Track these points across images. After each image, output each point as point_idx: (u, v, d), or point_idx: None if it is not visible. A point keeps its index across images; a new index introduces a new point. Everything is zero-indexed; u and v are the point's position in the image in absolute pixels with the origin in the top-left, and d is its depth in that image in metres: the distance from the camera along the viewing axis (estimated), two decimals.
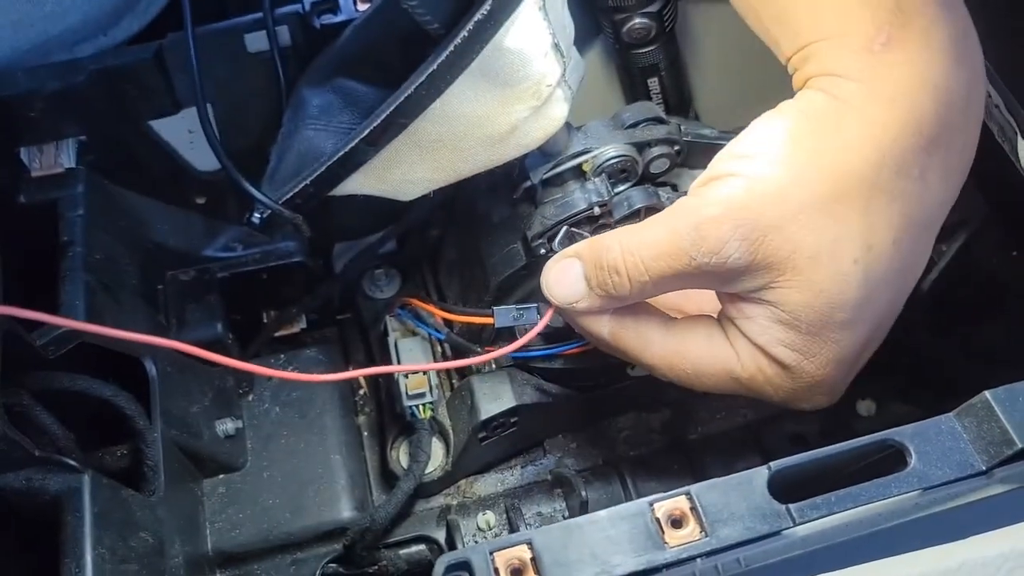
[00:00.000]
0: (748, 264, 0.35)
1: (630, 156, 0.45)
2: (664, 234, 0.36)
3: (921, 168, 0.36)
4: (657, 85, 0.52)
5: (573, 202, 0.44)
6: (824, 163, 0.35)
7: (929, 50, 0.36)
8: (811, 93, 0.37)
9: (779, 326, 0.37)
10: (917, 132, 0.35)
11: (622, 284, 0.37)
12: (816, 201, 0.35)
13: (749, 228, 0.35)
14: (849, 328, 0.37)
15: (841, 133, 0.35)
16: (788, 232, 0.35)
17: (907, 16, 0.35)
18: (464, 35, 0.35)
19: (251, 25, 0.49)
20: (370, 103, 0.46)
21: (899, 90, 0.35)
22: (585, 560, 0.29)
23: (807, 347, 0.37)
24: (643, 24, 0.49)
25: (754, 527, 0.29)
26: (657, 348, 0.40)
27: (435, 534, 0.49)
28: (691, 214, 0.36)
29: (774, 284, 0.36)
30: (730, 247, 0.35)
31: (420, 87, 0.36)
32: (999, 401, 0.31)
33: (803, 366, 0.37)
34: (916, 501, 0.30)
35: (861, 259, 0.35)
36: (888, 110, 0.35)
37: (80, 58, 0.49)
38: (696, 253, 0.35)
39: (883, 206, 0.35)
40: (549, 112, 0.40)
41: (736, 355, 0.39)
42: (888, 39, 0.35)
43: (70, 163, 0.48)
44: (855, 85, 0.36)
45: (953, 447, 0.31)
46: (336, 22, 0.49)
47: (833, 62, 0.36)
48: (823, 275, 0.35)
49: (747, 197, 0.35)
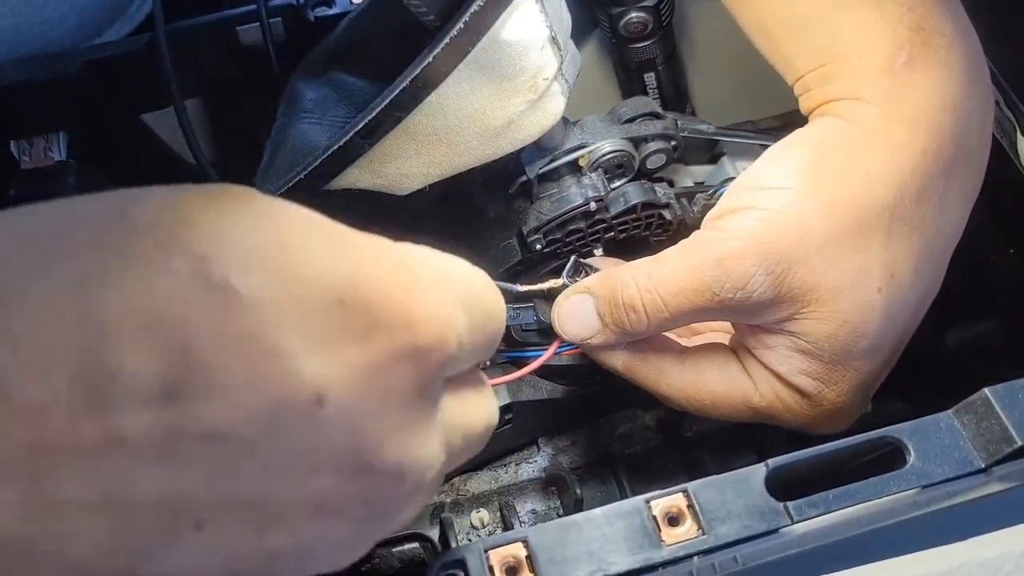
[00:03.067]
0: (773, 298, 0.35)
1: (626, 151, 0.44)
2: (683, 270, 0.35)
3: (940, 193, 0.36)
4: (654, 80, 0.52)
5: (569, 197, 0.44)
6: (846, 193, 0.35)
7: (948, 70, 0.35)
8: (829, 120, 0.36)
9: (801, 355, 0.36)
10: (937, 157, 0.35)
11: (639, 321, 0.37)
12: (839, 232, 0.34)
13: (774, 262, 0.34)
14: (870, 355, 0.36)
15: (862, 162, 0.35)
16: (813, 264, 0.34)
17: (927, 35, 0.35)
18: (460, 27, 0.34)
19: (245, 18, 0.48)
20: (365, 96, 0.46)
21: (919, 114, 0.35)
22: (581, 558, 0.29)
23: (829, 376, 0.37)
24: (640, 18, 0.48)
25: (751, 525, 0.29)
26: (672, 379, 0.39)
27: (428, 532, 0.49)
28: (711, 248, 0.35)
29: (798, 316, 0.35)
30: (756, 281, 0.34)
31: (415, 80, 0.36)
32: (999, 398, 0.31)
33: (824, 394, 0.37)
34: (915, 499, 0.30)
35: (884, 288, 0.35)
36: (908, 135, 0.35)
37: (71, 50, 0.49)
38: (719, 288, 0.35)
39: (905, 234, 0.35)
40: (546, 106, 0.40)
41: (753, 384, 0.38)
42: (909, 59, 0.35)
43: (60, 156, 0.48)
44: (875, 110, 0.35)
45: (952, 444, 0.31)
46: (330, 15, 0.49)
47: (853, 84, 0.36)
48: (847, 305, 0.35)
49: (769, 230, 0.35)
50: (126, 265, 0.21)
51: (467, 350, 0.27)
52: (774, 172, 0.36)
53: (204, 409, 0.21)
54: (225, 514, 0.22)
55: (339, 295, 0.23)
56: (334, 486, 0.23)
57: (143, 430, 0.20)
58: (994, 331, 0.51)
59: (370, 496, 0.24)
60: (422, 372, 0.24)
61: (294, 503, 0.23)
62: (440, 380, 0.26)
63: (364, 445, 0.23)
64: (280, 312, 0.22)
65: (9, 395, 0.19)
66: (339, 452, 0.23)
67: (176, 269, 0.21)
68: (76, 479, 0.20)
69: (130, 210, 0.22)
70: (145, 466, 0.21)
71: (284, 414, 0.22)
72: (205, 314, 0.21)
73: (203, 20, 0.48)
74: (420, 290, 0.25)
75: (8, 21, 0.48)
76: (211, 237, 0.22)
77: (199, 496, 0.21)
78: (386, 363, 0.24)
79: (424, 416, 0.25)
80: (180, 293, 0.21)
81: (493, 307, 0.29)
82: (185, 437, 0.21)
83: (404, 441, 0.24)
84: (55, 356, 0.20)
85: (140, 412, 0.20)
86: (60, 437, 0.20)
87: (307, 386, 0.22)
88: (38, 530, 0.21)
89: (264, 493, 0.22)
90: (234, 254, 0.22)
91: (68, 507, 0.20)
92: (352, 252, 0.24)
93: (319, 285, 0.23)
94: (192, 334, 0.21)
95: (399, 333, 0.24)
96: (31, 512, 0.20)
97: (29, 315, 0.20)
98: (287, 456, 0.22)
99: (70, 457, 0.20)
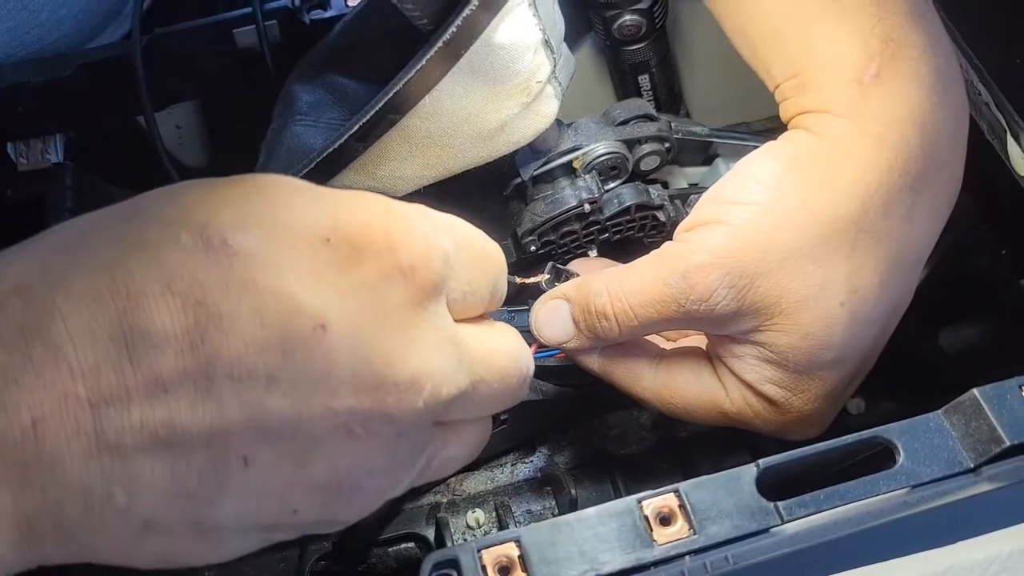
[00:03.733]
0: (736, 310, 0.36)
1: (620, 153, 0.44)
2: (651, 281, 0.36)
3: (907, 207, 0.36)
4: (648, 82, 0.52)
5: (563, 199, 0.44)
6: (810, 209, 0.35)
7: (918, 82, 0.35)
8: (799, 134, 0.37)
9: (767, 365, 0.37)
10: (904, 171, 0.35)
11: (610, 328, 0.38)
12: (802, 247, 0.35)
13: (737, 275, 0.35)
14: (836, 366, 0.37)
15: (828, 177, 0.35)
16: (775, 278, 0.35)
17: (897, 47, 0.35)
18: (452, 31, 0.35)
19: (240, 20, 0.48)
20: (360, 99, 0.46)
21: (886, 128, 0.35)
22: (573, 558, 0.29)
23: (795, 384, 0.37)
24: (633, 21, 0.49)
25: (742, 525, 0.29)
26: (647, 383, 0.40)
27: (424, 532, 0.49)
28: (678, 261, 0.36)
29: (762, 327, 0.36)
30: (718, 295, 0.35)
31: (409, 82, 0.36)
32: (987, 399, 0.31)
33: (791, 402, 0.38)
34: (904, 499, 0.30)
35: (847, 302, 0.36)
36: (875, 150, 0.35)
37: (67, 53, 0.49)
38: (684, 300, 0.36)
39: (869, 248, 0.35)
40: (539, 109, 0.40)
41: (724, 391, 0.39)
42: (879, 71, 0.35)
43: (57, 158, 0.48)
44: (843, 123, 0.36)
45: (941, 445, 0.31)
46: (325, 17, 0.49)
47: (823, 96, 0.36)
48: (810, 319, 0.36)
49: (734, 244, 0.35)
50: (143, 246, 0.25)
51: (464, 280, 0.30)
52: (742, 186, 0.37)
53: (224, 349, 0.24)
54: (265, 447, 0.25)
55: (324, 235, 0.26)
56: (355, 404, 0.26)
57: (178, 375, 0.24)
58: (986, 332, 0.51)
59: (391, 410, 0.26)
60: (413, 288, 0.27)
61: (324, 429, 0.26)
62: (437, 298, 0.28)
63: (373, 360, 0.26)
64: (274, 258, 0.25)
65: (68, 360, 0.23)
66: (352, 370, 0.26)
67: (182, 240, 0.25)
68: (132, 426, 0.24)
69: (141, 204, 0.27)
70: (186, 407, 0.24)
71: (293, 343, 0.25)
72: (211, 271, 0.25)
73: (199, 23, 0.48)
74: (399, 220, 0.28)
75: (5, 24, 0.48)
76: (207, 210, 0.26)
77: (238, 431, 0.24)
78: (376, 284, 0.27)
79: (429, 331, 0.28)
80: (188, 258, 0.25)
81: (486, 247, 0.32)
82: (213, 376, 0.24)
83: (412, 353, 0.27)
84: (98, 324, 0.24)
85: (173, 359, 0.24)
86: (113, 391, 0.23)
87: (308, 315, 0.25)
88: (107, 479, 0.24)
89: (294, 421, 0.25)
90: (229, 219, 0.26)
91: (128, 452, 0.24)
92: (332, 201, 0.28)
93: (305, 230, 0.26)
94: (204, 288, 0.24)
95: (383, 257, 0.27)
96: (99, 461, 0.23)
97: (71, 295, 0.24)
98: (305, 382, 0.25)
99: (124, 406, 0.24)
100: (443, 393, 0.28)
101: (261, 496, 0.26)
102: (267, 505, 0.26)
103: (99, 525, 0.24)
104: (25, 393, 0.23)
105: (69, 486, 0.23)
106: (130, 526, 0.24)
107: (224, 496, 0.25)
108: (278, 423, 0.25)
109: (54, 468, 0.23)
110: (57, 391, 0.23)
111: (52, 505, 0.23)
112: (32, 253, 0.26)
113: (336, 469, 0.26)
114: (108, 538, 0.25)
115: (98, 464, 0.23)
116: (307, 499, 0.26)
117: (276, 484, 0.26)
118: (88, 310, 0.24)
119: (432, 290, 0.28)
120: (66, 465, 0.23)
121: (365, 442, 0.26)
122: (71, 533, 0.24)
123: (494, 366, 0.31)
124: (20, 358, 0.23)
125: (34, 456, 0.23)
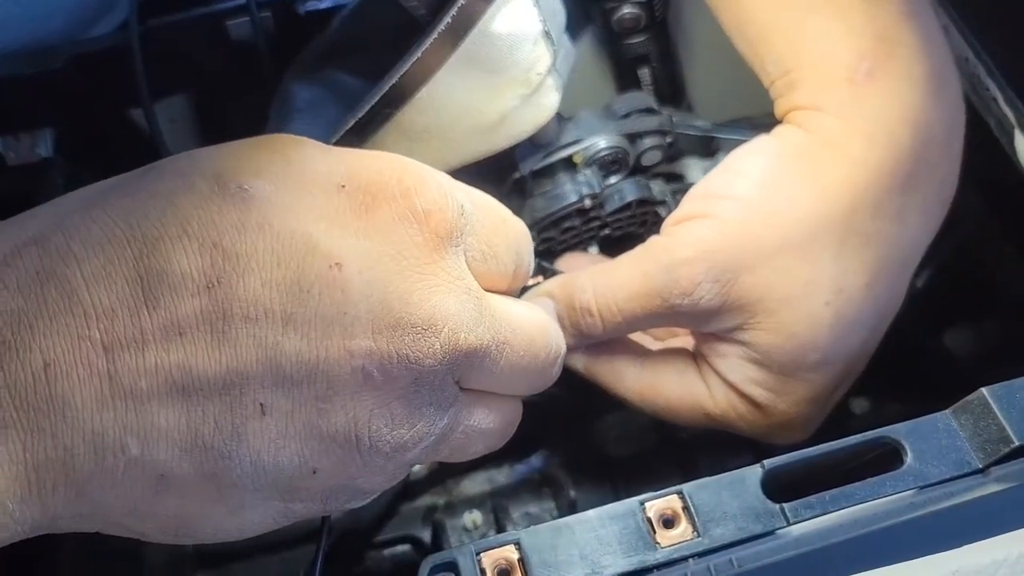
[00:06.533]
0: (720, 306, 0.35)
1: (622, 147, 0.44)
2: (636, 275, 0.36)
3: (898, 208, 0.35)
4: (648, 75, 0.51)
5: (564, 195, 0.44)
6: (797, 206, 0.35)
7: (910, 82, 0.35)
8: (789, 130, 0.36)
9: (751, 365, 0.37)
10: (894, 171, 0.35)
11: (595, 325, 0.37)
12: (788, 244, 0.35)
13: (720, 270, 0.35)
14: (821, 369, 0.36)
15: (816, 174, 0.35)
16: (760, 275, 0.35)
17: (890, 46, 0.35)
18: (448, 20, 0.34)
19: (234, 12, 0.48)
20: (359, 95, 0.45)
21: (878, 126, 0.35)
22: (574, 561, 0.28)
23: (779, 386, 0.37)
24: (633, 14, 0.48)
25: (747, 527, 0.29)
26: (631, 383, 0.40)
27: (421, 534, 0.49)
28: (663, 255, 0.36)
29: (747, 325, 0.36)
30: (702, 289, 0.35)
31: (406, 75, 0.35)
32: (996, 398, 0.30)
33: (776, 404, 0.37)
34: (912, 500, 0.29)
35: (833, 302, 0.35)
36: (865, 149, 0.35)
37: (56, 46, 0.48)
38: (668, 295, 0.35)
39: (856, 248, 0.35)
40: (540, 101, 0.39)
41: (708, 392, 0.39)
42: (871, 69, 0.35)
43: (47, 153, 0.47)
44: (834, 121, 0.35)
45: (949, 445, 0.30)
46: (320, 9, 0.48)
47: (814, 93, 0.36)
48: (794, 318, 0.35)
49: (719, 239, 0.35)
50: (159, 194, 0.25)
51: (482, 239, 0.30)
52: (729, 181, 0.36)
53: (240, 289, 0.24)
54: (282, 393, 0.25)
55: (338, 182, 0.27)
56: (372, 345, 0.25)
57: (194, 316, 0.24)
58: (993, 330, 0.51)
59: (409, 352, 0.26)
60: (427, 233, 0.27)
61: (341, 374, 0.25)
62: (453, 247, 0.28)
63: (389, 299, 0.26)
64: (289, 201, 0.26)
65: (82, 303, 0.23)
66: (368, 308, 0.25)
67: (198, 186, 0.25)
68: (147, 370, 0.23)
69: (157, 163, 0.27)
70: (202, 350, 0.24)
71: (309, 281, 0.25)
72: (227, 214, 0.25)
73: (192, 14, 0.47)
74: (412, 168, 0.29)
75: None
76: (222, 161, 0.26)
77: (254, 376, 0.24)
78: (391, 227, 0.27)
79: (446, 278, 0.28)
80: (204, 202, 0.25)
81: (505, 213, 0.32)
82: (230, 318, 0.24)
83: (428, 293, 0.27)
84: (114, 267, 0.23)
85: (189, 301, 0.24)
86: (128, 333, 0.23)
87: (324, 253, 0.25)
88: (120, 426, 0.23)
89: (311, 364, 0.25)
90: (244, 167, 0.26)
91: (143, 397, 0.23)
92: (346, 153, 0.28)
93: (319, 176, 0.27)
94: (220, 230, 0.24)
95: (398, 201, 0.27)
96: (112, 408, 0.23)
97: (88, 241, 0.24)
98: (321, 321, 0.25)
99: (139, 349, 0.23)
100: (461, 340, 0.27)
101: (278, 448, 0.25)
102: (285, 458, 0.25)
103: (111, 478, 0.23)
104: (38, 336, 0.22)
105: (80, 432, 0.23)
106: (144, 479, 0.24)
107: (241, 446, 0.24)
108: (295, 365, 0.25)
109: (65, 412, 0.22)
110: (71, 334, 0.23)
111: (62, 453, 0.23)
112: (53, 207, 0.26)
113: (355, 417, 0.26)
114: (121, 494, 0.24)
115: (111, 410, 0.23)
116: (326, 455, 0.26)
117: (293, 434, 0.25)
118: (104, 254, 0.24)
119: (447, 237, 0.28)
120: (78, 409, 0.23)
121: (383, 387, 0.26)
122: (81, 486, 0.23)
123: (519, 329, 0.30)
124: (35, 302, 0.23)
125: (45, 399, 0.22)
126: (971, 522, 0.29)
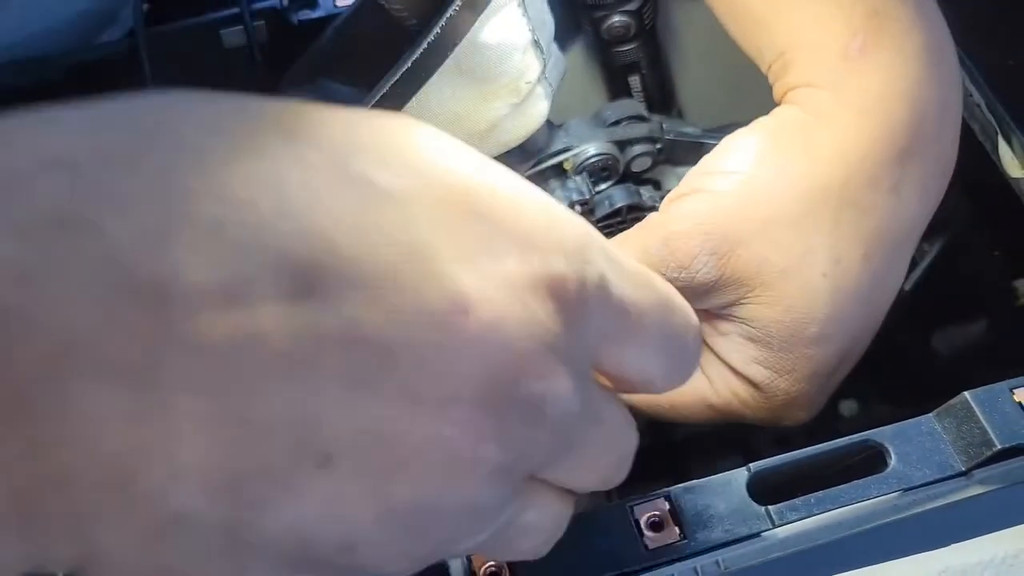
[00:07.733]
0: (717, 279, 0.35)
1: (611, 154, 0.44)
2: (634, 252, 0.36)
3: (894, 180, 0.35)
4: (639, 83, 0.52)
5: None
6: (792, 177, 0.35)
7: (903, 56, 0.35)
8: (785, 108, 0.37)
9: (751, 343, 0.37)
10: (890, 144, 0.35)
11: None
12: (784, 216, 0.35)
13: (717, 242, 0.35)
14: (821, 343, 0.36)
15: (810, 146, 0.35)
16: (756, 247, 0.35)
17: (882, 20, 0.35)
18: (437, 31, 0.34)
19: (228, 20, 0.48)
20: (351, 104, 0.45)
21: (871, 99, 0.35)
22: (562, 564, 0.29)
23: (779, 363, 0.37)
24: (622, 22, 0.48)
25: (733, 529, 0.29)
26: None
27: None
28: (659, 228, 0.36)
29: (744, 300, 0.36)
30: (699, 261, 0.35)
31: (396, 84, 0.36)
32: (978, 402, 0.31)
33: (777, 383, 0.37)
34: (896, 502, 0.30)
35: (830, 273, 0.35)
36: (859, 120, 0.35)
37: (56, 56, 0.48)
38: (665, 268, 0.35)
39: (853, 219, 0.35)
40: (529, 109, 0.40)
41: (709, 383, 0.39)
42: (863, 45, 0.35)
43: None
44: (827, 95, 0.35)
45: (933, 448, 0.31)
46: (313, 18, 0.49)
47: (809, 71, 0.36)
48: (791, 290, 0.35)
49: (715, 212, 0.35)
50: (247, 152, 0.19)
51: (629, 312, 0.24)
52: (724, 157, 0.36)
53: (343, 304, 0.18)
54: (355, 449, 0.19)
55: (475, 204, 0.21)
56: (470, 419, 0.20)
57: (275, 327, 0.17)
58: (979, 334, 0.51)
59: (507, 437, 0.20)
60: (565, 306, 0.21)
61: (425, 444, 0.19)
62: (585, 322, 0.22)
63: (505, 369, 0.20)
64: (421, 208, 0.20)
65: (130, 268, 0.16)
66: (481, 374, 0.20)
67: (308, 159, 0.19)
68: (193, 381, 0.17)
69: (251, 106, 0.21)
70: (275, 374, 0.17)
71: (427, 318, 0.19)
72: (343, 202, 0.19)
73: (186, 23, 0.48)
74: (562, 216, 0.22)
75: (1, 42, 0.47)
76: (343, 134, 0.20)
77: (331, 420, 0.18)
78: (531, 285, 0.21)
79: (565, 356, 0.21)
80: (314, 181, 0.19)
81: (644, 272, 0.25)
82: (321, 339, 0.18)
83: (546, 372, 0.21)
84: (172, 226, 0.17)
85: (272, 305, 0.17)
86: (182, 325, 0.17)
87: (452, 290, 0.19)
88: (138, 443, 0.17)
89: (398, 424, 0.19)
90: (370, 149, 0.20)
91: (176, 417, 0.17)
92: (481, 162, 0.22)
93: (458, 187, 0.21)
94: (329, 222, 0.18)
95: (546, 257, 0.21)
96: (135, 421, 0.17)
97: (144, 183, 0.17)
98: (426, 374, 0.19)
99: (190, 353, 0.17)
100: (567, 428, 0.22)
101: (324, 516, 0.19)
102: (323, 532, 0.19)
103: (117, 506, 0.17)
104: None
105: None
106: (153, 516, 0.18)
107: (282, 505, 0.18)
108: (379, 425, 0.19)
109: None
110: None
111: None
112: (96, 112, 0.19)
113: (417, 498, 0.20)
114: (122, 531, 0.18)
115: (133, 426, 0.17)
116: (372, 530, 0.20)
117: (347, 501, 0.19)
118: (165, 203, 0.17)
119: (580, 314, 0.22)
120: None
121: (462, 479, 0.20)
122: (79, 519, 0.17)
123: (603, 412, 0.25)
124: None
125: None
126: (953, 524, 0.30)
